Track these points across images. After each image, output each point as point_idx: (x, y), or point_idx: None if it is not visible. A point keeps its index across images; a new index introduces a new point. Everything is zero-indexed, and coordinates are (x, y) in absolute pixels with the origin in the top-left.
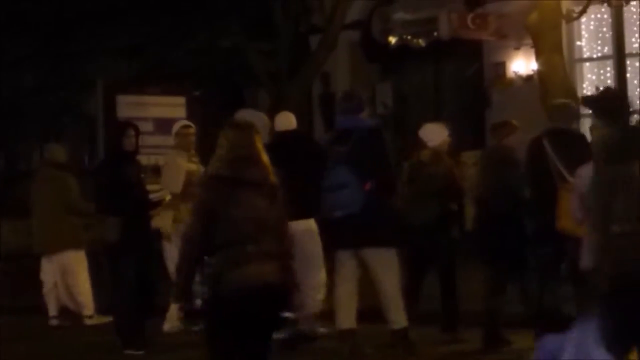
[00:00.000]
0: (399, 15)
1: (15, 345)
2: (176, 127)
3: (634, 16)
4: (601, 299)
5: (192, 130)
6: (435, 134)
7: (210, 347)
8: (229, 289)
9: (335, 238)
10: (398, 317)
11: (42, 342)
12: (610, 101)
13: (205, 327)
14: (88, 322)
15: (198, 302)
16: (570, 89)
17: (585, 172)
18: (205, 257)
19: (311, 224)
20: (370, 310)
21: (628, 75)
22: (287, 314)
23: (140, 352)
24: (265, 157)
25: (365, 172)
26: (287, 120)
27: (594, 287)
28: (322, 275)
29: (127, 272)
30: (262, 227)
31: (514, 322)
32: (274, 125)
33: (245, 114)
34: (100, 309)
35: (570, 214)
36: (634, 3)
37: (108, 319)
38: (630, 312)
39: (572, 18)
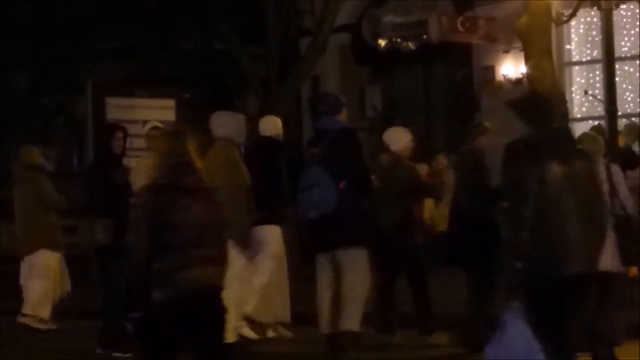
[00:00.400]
0: (389, 18)
1: None
2: (146, 129)
3: (624, 20)
4: (530, 297)
5: (159, 132)
6: (397, 138)
7: (150, 347)
8: (175, 292)
9: (312, 241)
10: (349, 319)
11: (16, 346)
12: (532, 104)
13: (148, 329)
14: (20, 319)
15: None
16: (559, 92)
17: None
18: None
19: (274, 229)
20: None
21: (617, 79)
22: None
23: (128, 355)
24: (199, 163)
25: (338, 172)
26: (272, 125)
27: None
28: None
29: (117, 274)
30: (203, 231)
31: None
32: (260, 129)
33: (222, 116)
34: (86, 312)
35: None
36: (623, 7)
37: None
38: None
39: (562, 21)
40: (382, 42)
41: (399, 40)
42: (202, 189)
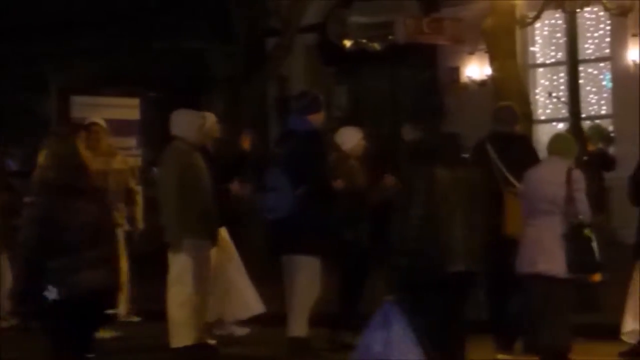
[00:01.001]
0: (355, 19)
1: None
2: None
3: (588, 22)
4: (413, 294)
5: (99, 127)
6: (348, 138)
7: (51, 341)
8: (68, 292)
9: (269, 244)
10: (293, 325)
11: None
12: (424, 110)
13: (46, 324)
14: None
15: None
16: (523, 94)
17: (530, 175)
18: (47, 262)
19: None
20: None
21: (581, 81)
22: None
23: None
24: (90, 164)
25: (298, 176)
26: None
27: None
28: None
29: None
30: (95, 232)
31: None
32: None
33: (181, 115)
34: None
35: (518, 219)
36: (588, 9)
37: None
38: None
39: (526, 23)
40: (348, 43)
41: (365, 41)
42: (94, 190)
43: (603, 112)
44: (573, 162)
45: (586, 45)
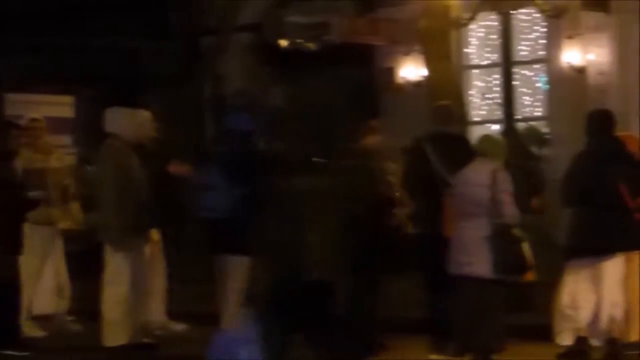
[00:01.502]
0: (292, 19)
1: None
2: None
3: (522, 24)
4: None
5: (39, 124)
6: None
7: None
8: None
9: (206, 242)
10: (227, 325)
11: None
12: (274, 119)
13: None
14: None
15: None
16: (458, 95)
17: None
18: None
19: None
20: None
21: (515, 83)
22: None
23: (25, 354)
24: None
25: (237, 175)
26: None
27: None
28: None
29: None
30: None
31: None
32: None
33: (115, 112)
34: None
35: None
36: (523, 11)
37: None
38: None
39: (461, 25)
40: (284, 43)
41: (301, 41)
42: None
43: (537, 114)
44: (501, 164)
45: (521, 47)
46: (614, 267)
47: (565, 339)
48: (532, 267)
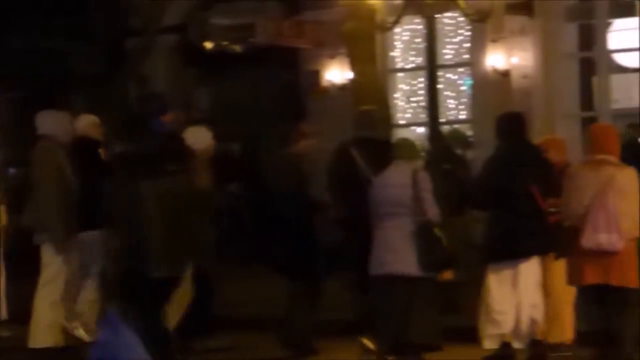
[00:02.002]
0: (216, 21)
1: None
2: None
3: (447, 28)
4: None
5: None
6: (197, 138)
7: None
8: None
9: None
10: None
11: None
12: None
13: None
14: None
15: None
16: (383, 98)
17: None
18: None
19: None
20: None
21: (440, 86)
22: None
23: None
24: None
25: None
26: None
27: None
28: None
29: None
30: None
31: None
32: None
33: (46, 115)
34: None
35: None
36: (447, 15)
37: None
38: None
39: (386, 28)
40: (208, 45)
41: (225, 42)
42: None
43: (462, 117)
44: (419, 165)
45: (446, 51)
46: (531, 270)
47: (491, 343)
48: (453, 264)
